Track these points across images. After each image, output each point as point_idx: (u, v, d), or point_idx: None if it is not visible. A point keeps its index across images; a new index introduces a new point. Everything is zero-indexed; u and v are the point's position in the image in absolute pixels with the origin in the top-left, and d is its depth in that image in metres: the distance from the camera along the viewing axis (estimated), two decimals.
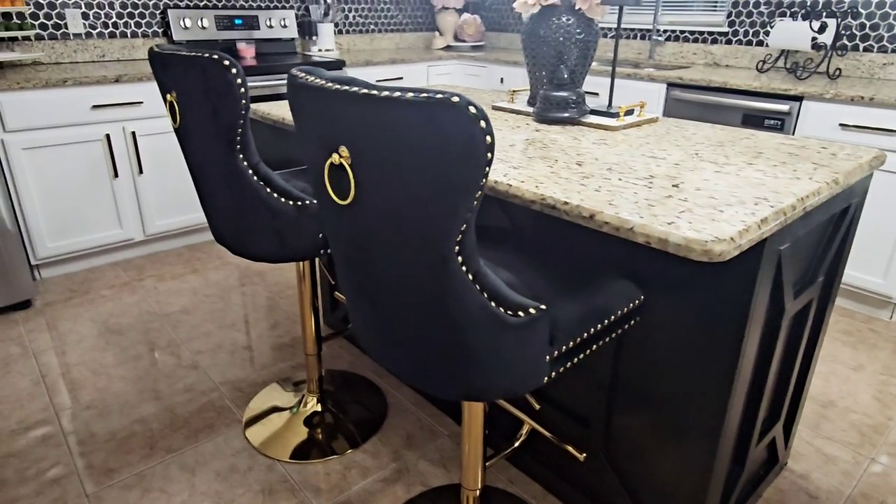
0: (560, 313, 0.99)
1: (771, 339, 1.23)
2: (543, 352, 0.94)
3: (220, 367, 2.09)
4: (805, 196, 1.04)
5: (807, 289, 1.30)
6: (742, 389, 1.18)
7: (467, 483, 1.30)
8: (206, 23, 3.28)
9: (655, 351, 1.23)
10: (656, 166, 1.21)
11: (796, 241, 1.16)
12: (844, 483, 1.64)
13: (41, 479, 1.60)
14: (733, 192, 1.05)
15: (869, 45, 2.76)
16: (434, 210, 0.75)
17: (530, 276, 1.08)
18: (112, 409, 1.88)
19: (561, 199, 1.00)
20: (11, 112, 2.40)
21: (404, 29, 4.32)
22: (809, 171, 1.19)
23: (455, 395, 0.94)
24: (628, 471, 1.37)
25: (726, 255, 0.83)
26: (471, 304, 0.83)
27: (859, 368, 2.16)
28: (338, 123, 0.79)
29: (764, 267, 1.03)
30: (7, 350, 2.19)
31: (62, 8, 2.91)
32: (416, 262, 0.81)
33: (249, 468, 1.65)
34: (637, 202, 0.99)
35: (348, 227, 0.88)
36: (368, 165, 0.78)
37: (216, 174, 1.35)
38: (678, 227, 0.88)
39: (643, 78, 2.98)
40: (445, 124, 0.69)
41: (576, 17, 1.68)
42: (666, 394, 1.24)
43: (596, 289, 1.07)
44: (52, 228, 2.62)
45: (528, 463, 1.63)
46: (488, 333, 0.86)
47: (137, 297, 2.58)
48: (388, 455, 1.71)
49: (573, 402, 1.46)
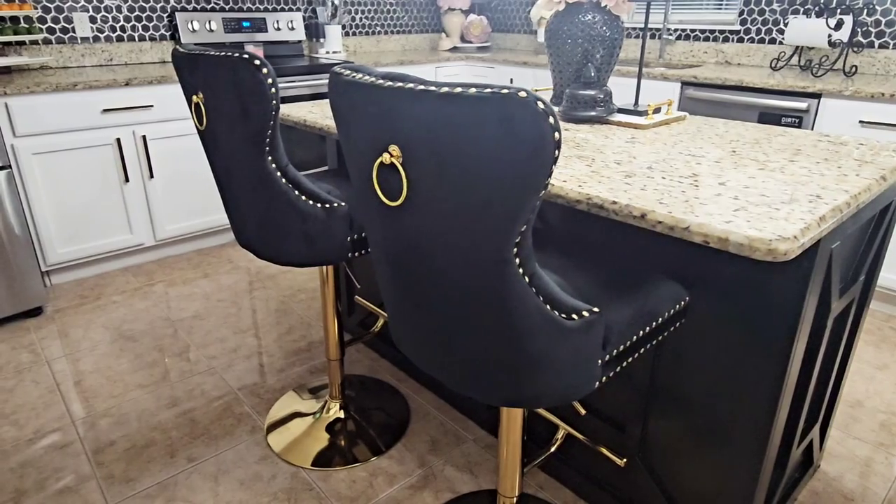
0: (611, 315, 0.96)
1: (817, 340, 1.20)
2: (596, 355, 0.91)
3: (236, 373, 2.06)
4: (858, 193, 1.01)
5: (850, 288, 1.27)
6: (790, 393, 1.15)
7: (504, 490, 1.27)
8: (213, 25, 3.25)
9: (698, 354, 1.20)
10: (697, 164, 1.19)
11: (845, 240, 1.14)
12: (879, 485, 1.61)
13: (60, 488, 1.57)
14: (784, 190, 1.02)
15: (884, 42, 2.74)
16: (495, 210, 0.72)
17: (576, 279, 1.05)
18: (129, 416, 1.84)
19: (609, 198, 0.97)
20: (21, 117, 2.36)
21: (410, 30, 4.29)
22: (855, 167, 1.16)
23: (507, 401, 0.91)
24: (664, 475, 1.34)
25: (791, 254, 0.81)
26: (528, 308, 0.80)
27: (883, 367, 2.13)
28: (390, 121, 0.77)
29: (818, 266, 1.01)
30: (20, 358, 2.15)
31: (70, 12, 2.88)
32: (472, 264, 0.78)
33: (273, 476, 1.62)
34: (687, 200, 0.96)
35: (397, 230, 0.85)
36: (422, 164, 0.75)
37: (244, 177, 1.32)
38: (738, 226, 0.85)
39: (657, 77, 2.96)
40: (514, 121, 0.66)
41: (602, 15, 1.66)
42: (708, 397, 1.21)
43: (643, 290, 1.04)
44: (62, 234, 2.59)
45: (558, 468, 1.59)
46: (545, 338, 0.83)
47: (149, 303, 2.54)
48: (413, 461, 1.68)
49: (608, 407, 1.43)
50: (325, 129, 1.60)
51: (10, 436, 1.76)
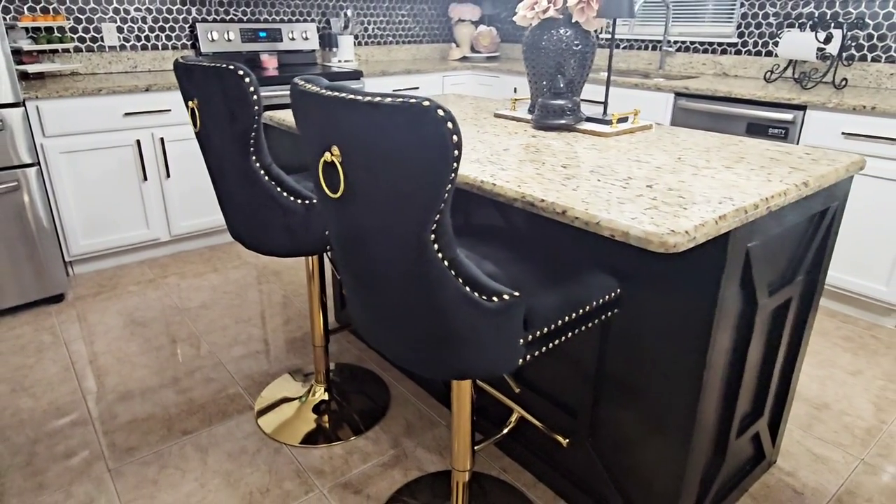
0: (537, 301, 1.07)
1: (746, 333, 1.29)
2: (518, 335, 1.03)
3: (235, 359, 2.21)
4: (770, 196, 1.11)
5: (785, 287, 1.36)
6: (715, 381, 1.25)
7: (457, 464, 1.38)
8: (231, 35, 3.45)
9: (636, 343, 1.30)
10: (637, 169, 1.29)
11: (768, 240, 1.23)
12: (831, 481, 1.68)
13: (69, 454, 1.73)
14: (703, 193, 1.12)
15: (877, 56, 2.79)
16: (413, 201, 0.85)
17: (515, 269, 1.16)
18: (134, 393, 2.01)
19: (539, 196, 1.09)
20: (50, 118, 2.57)
21: (421, 40, 4.45)
22: (784, 174, 1.26)
23: (439, 374, 1.03)
24: (612, 460, 1.44)
25: (680, 246, 0.91)
26: (448, 289, 0.93)
27: (857, 374, 2.18)
28: (330, 126, 0.90)
29: (731, 262, 1.11)
30: (41, 338, 2.34)
31: (99, 22, 3.10)
32: (399, 249, 0.91)
33: (258, 450, 1.76)
34: (609, 200, 1.07)
35: (341, 219, 0.98)
36: (355, 162, 0.88)
37: (232, 174, 1.47)
38: (640, 222, 0.96)
39: (651, 88, 3.05)
40: (421, 126, 0.78)
41: (573, 30, 1.77)
42: (646, 385, 1.31)
43: (574, 281, 1.15)
44: (84, 227, 2.79)
45: (520, 453, 1.70)
46: (465, 316, 0.95)
47: (161, 293, 2.72)
48: (388, 442, 1.80)
49: (562, 393, 1.53)
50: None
51: (27, 406, 1.94)
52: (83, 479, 1.65)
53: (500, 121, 1.88)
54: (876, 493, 1.63)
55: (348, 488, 1.63)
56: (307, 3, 3.81)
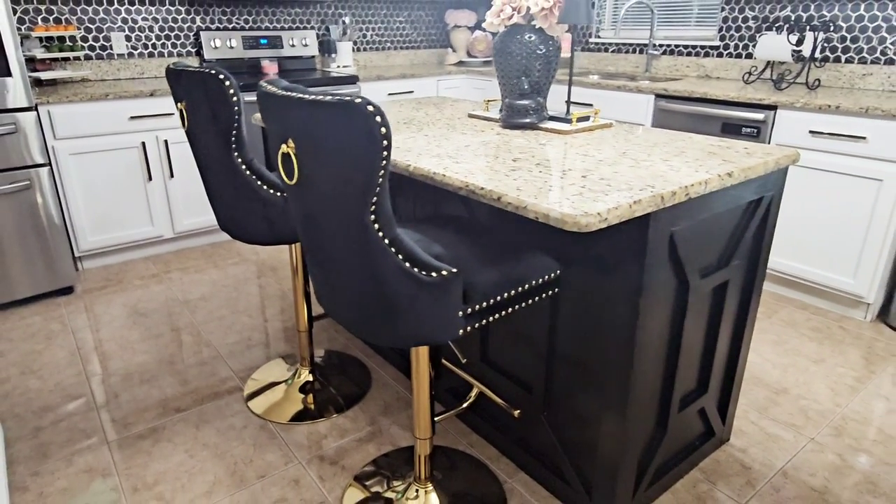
0: (478, 278, 1.20)
1: (680, 313, 1.41)
2: (457, 308, 1.15)
3: (229, 345, 2.36)
4: (690, 185, 1.22)
5: (720, 270, 1.47)
6: (647, 356, 1.36)
7: (418, 433, 1.51)
8: (234, 43, 3.63)
9: (580, 321, 1.42)
10: (580, 162, 1.41)
11: (695, 225, 1.34)
12: (780, 457, 1.78)
13: (71, 428, 1.89)
14: (630, 181, 1.24)
15: (850, 57, 2.88)
16: (351, 187, 0.98)
17: (463, 250, 1.29)
18: (134, 376, 2.16)
19: (479, 185, 1.22)
20: (61, 122, 2.75)
21: (419, 46, 4.60)
22: (713, 165, 1.37)
23: (385, 341, 1.16)
24: (565, 432, 1.56)
25: (592, 226, 1.04)
26: (388, 264, 1.06)
27: (820, 362, 2.27)
28: (285, 121, 1.04)
29: (653, 244, 1.22)
30: (50, 327, 2.51)
31: (108, 31, 3.29)
32: (345, 229, 1.04)
33: (244, 426, 1.90)
34: (541, 188, 1.20)
35: (298, 203, 1.12)
36: (306, 153, 1.02)
37: (217, 169, 1.62)
38: (561, 206, 1.08)
39: (633, 90, 3.16)
40: (353, 120, 0.92)
41: (538, 35, 1.90)
42: (589, 361, 1.43)
43: (516, 261, 1.28)
44: (93, 224, 2.96)
45: (486, 429, 1.82)
46: (405, 288, 1.08)
47: (163, 287, 2.88)
48: (365, 420, 1.93)
49: (521, 370, 1.66)
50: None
51: (35, 386, 2.10)
52: (84, 450, 1.80)
53: (472, 120, 2.01)
54: (819, 469, 1.73)
55: (325, 460, 1.76)
56: (307, 11, 3.98)
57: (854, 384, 2.14)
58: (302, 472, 1.71)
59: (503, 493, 1.64)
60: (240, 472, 1.71)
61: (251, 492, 1.64)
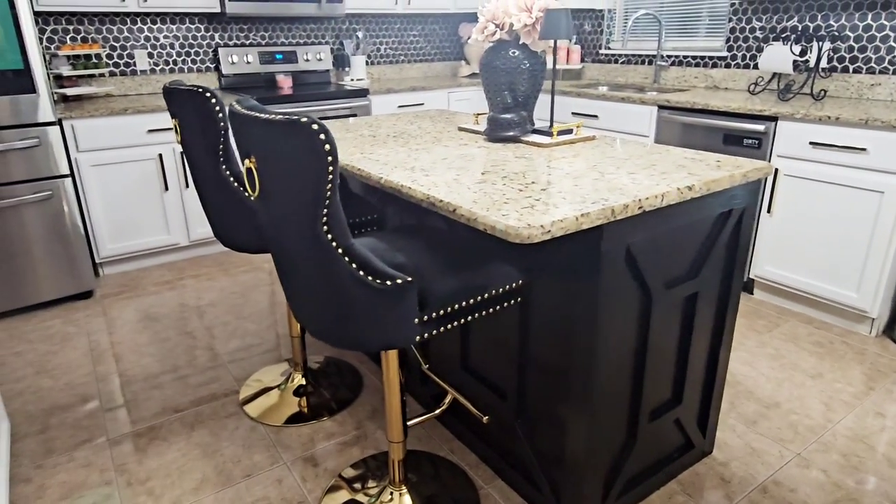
0: (436, 286, 1.25)
1: (644, 324, 1.42)
2: (412, 314, 1.20)
3: (230, 350, 2.45)
4: (645, 198, 1.25)
5: (688, 281, 1.48)
6: (608, 365, 1.38)
7: (391, 436, 1.55)
8: (250, 58, 3.77)
9: (547, 331, 1.45)
10: (547, 175, 1.45)
11: (655, 237, 1.36)
12: (761, 472, 1.76)
13: (76, 425, 1.99)
14: (586, 194, 1.27)
15: (858, 67, 2.84)
16: (302, 199, 1.04)
17: (425, 260, 1.34)
18: (138, 377, 2.27)
19: (439, 197, 1.27)
20: (83, 135, 2.91)
21: (432, 59, 4.68)
22: (677, 179, 1.39)
23: (344, 345, 1.22)
24: (536, 440, 1.58)
25: (534, 238, 1.07)
26: (342, 272, 1.11)
27: (817, 377, 2.24)
28: (247, 138, 1.11)
29: (608, 256, 1.25)
30: (67, 329, 2.65)
31: (132, 49, 3.47)
32: (301, 239, 1.11)
33: (236, 427, 1.98)
34: (497, 200, 1.24)
35: (262, 214, 1.19)
36: (264, 168, 1.09)
37: (208, 181, 1.71)
38: (508, 218, 1.12)
39: (636, 101, 3.17)
40: (301, 138, 0.98)
41: (522, 50, 1.95)
42: (556, 370, 1.45)
43: (477, 271, 1.32)
44: (112, 232, 3.11)
45: (468, 436, 1.86)
46: (359, 295, 1.14)
47: (176, 293, 3.01)
48: (352, 424, 1.99)
49: (495, 378, 1.69)
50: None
51: (46, 385, 2.22)
52: (85, 445, 1.90)
53: (461, 134, 2.07)
54: (802, 484, 1.71)
55: (309, 461, 1.82)
56: (322, 27, 4.10)
57: (850, 400, 2.10)
58: (286, 473, 1.78)
59: (478, 498, 1.67)
60: (227, 471, 1.79)
61: (236, 490, 1.71)
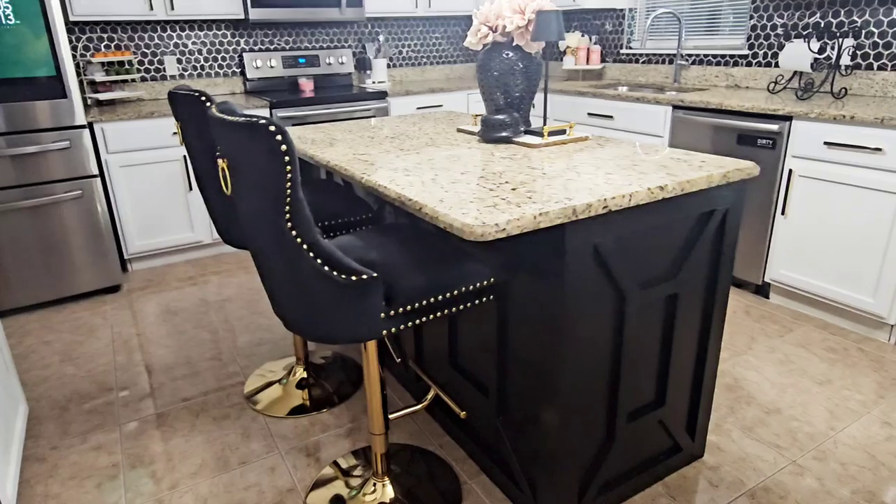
0: (404, 282, 1.29)
1: (618, 324, 1.43)
2: (378, 310, 1.25)
3: (242, 343, 2.55)
4: (611, 198, 1.26)
5: (666, 282, 1.48)
6: (579, 364, 1.39)
7: (373, 428, 1.60)
8: (274, 63, 3.90)
9: (522, 330, 1.47)
10: (524, 175, 1.47)
11: (626, 237, 1.36)
12: (751, 478, 1.73)
13: (91, 410, 2.12)
14: (554, 194, 1.29)
15: (882, 64, 2.73)
16: (265, 197, 1.10)
17: (397, 257, 1.38)
18: (153, 367, 2.39)
19: (408, 196, 1.31)
20: (112, 138, 3.08)
21: (455, 61, 4.72)
22: (654, 179, 1.39)
23: (312, 336, 1.27)
24: (516, 437, 1.60)
25: (488, 236, 1.10)
26: (307, 267, 1.17)
27: (826, 383, 2.17)
28: (219, 140, 1.17)
29: (573, 255, 1.26)
30: (93, 321, 2.81)
31: (162, 55, 3.63)
32: (268, 235, 1.17)
33: (238, 416, 2.07)
34: (464, 199, 1.27)
35: (238, 210, 1.25)
36: (234, 167, 1.15)
37: (207, 180, 1.79)
38: (466, 216, 1.15)
39: (651, 101, 3.13)
40: (259, 138, 1.04)
41: (517, 52, 1.97)
42: (532, 368, 1.47)
43: (445, 268, 1.35)
44: (139, 230, 3.28)
45: (457, 432, 1.89)
46: (324, 289, 1.19)
47: (197, 288, 3.14)
48: (348, 417, 2.05)
49: (479, 374, 1.72)
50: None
51: (69, 372, 2.37)
52: (97, 430, 2.02)
53: (457, 135, 2.10)
54: (793, 492, 1.67)
55: (302, 451, 1.89)
56: (345, 31, 4.20)
57: (857, 408, 2.03)
58: (279, 461, 1.85)
59: (460, 492, 1.70)
60: (225, 458, 1.87)
61: (230, 475, 1.79)
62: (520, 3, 1.91)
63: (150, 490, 1.74)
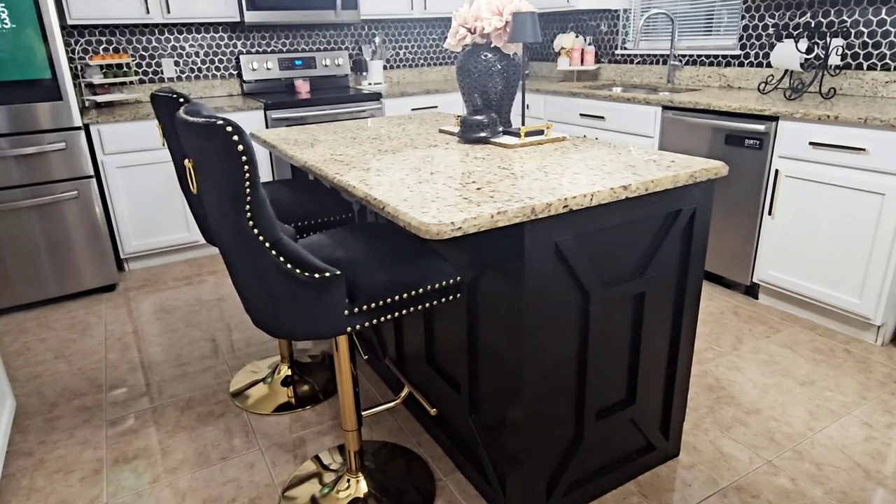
0: (367, 280, 1.31)
1: (582, 323, 1.44)
2: (341, 307, 1.27)
3: (231, 341, 2.59)
4: (571, 197, 1.27)
5: (631, 281, 1.49)
6: (541, 361, 1.40)
7: (345, 424, 1.63)
8: (270, 65, 3.94)
9: (488, 327, 1.49)
10: (492, 175, 1.49)
11: (588, 235, 1.38)
12: (725, 477, 1.73)
13: (80, 407, 2.16)
14: (515, 194, 1.31)
15: (872, 64, 2.72)
16: (225, 195, 1.13)
17: (364, 255, 1.41)
18: (144, 364, 2.43)
19: (373, 195, 1.33)
20: (109, 139, 3.13)
21: (452, 62, 4.74)
22: (619, 179, 1.40)
23: (275, 332, 1.29)
24: (487, 434, 1.62)
25: (443, 234, 1.12)
26: (269, 264, 1.19)
27: (808, 384, 2.17)
28: (183, 140, 1.20)
29: (532, 252, 1.28)
30: (88, 319, 2.86)
31: (159, 58, 3.69)
32: (231, 232, 1.19)
33: (222, 413, 2.10)
34: (426, 198, 1.29)
35: (205, 209, 1.28)
36: (198, 167, 1.18)
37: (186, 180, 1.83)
38: (424, 215, 1.17)
39: (640, 102, 3.13)
40: (217, 138, 1.07)
41: (495, 53, 1.99)
42: (496, 364, 1.49)
43: (410, 266, 1.37)
44: (136, 229, 3.33)
45: (435, 429, 1.91)
46: (286, 286, 1.21)
47: (192, 288, 3.18)
48: (329, 415, 2.07)
49: (453, 372, 1.73)
50: (273, 147, 2.08)
51: (61, 369, 2.42)
52: (84, 425, 2.06)
53: (439, 135, 2.12)
54: (766, 490, 1.67)
55: (282, 447, 1.92)
56: (341, 33, 4.24)
57: (838, 409, 2.02)
58: (259, 458, 1.88)
59: (434, 488, 1.72)
60: (206, 454, 1.90)
61: (210, 471, 1.83)
62: (498, 5, 1.93)
63: (131, 484, 1.78)
